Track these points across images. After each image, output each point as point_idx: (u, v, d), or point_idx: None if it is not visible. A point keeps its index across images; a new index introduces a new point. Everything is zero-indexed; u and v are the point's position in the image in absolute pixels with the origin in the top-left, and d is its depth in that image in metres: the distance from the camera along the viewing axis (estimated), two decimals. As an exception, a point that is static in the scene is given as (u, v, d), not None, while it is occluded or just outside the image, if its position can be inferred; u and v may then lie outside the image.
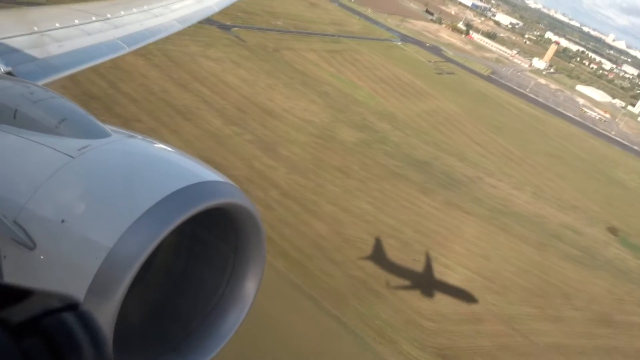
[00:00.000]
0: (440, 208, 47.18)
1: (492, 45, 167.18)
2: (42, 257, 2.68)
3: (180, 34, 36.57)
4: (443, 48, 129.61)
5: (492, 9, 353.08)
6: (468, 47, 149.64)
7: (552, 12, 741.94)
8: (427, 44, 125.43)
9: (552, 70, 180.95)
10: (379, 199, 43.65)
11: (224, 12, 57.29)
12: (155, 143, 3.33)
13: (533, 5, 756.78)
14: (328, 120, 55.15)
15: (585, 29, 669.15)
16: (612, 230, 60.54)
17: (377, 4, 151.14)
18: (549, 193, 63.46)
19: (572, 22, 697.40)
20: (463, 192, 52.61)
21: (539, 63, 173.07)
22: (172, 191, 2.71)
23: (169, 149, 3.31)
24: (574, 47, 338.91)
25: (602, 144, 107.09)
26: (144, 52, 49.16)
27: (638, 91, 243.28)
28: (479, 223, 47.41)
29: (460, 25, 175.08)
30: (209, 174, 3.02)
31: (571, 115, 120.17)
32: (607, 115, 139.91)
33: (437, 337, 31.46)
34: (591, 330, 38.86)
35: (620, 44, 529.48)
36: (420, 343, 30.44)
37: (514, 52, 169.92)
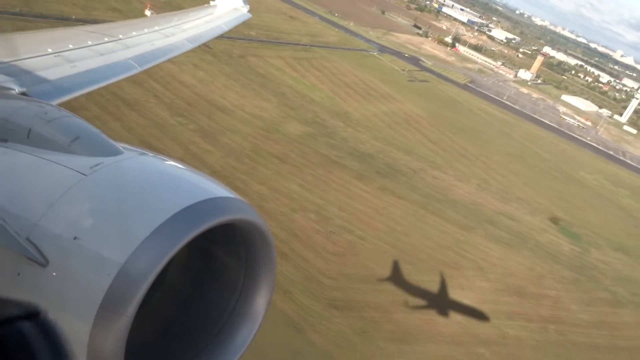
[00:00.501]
0: (373, 192, 50.90)
1: (477, 57, 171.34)
2: (54, 273, 2.70)
3: None
4: (422, 58, 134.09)
5: (491, 25, 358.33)
6: (451, 59, 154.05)
7: (559, 30, 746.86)
8: (406, 55, 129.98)
9: (539, 81, 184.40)
10: (310, 182, 47.58)
11: None
12: (166, 160, 3.40)
13: (540, 23, 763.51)
14: (278, 116, 59.46)
15: (593, 45, 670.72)
16: (554, 220, 63.58)
17: (362, 18, 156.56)
18: (495, 186, 66.84)
19: (579, 39, 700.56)
20: (401, 180, 56.31)
21: (526, 74, 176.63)
22: (182, 207, 2.75)
23: (179, 165, 3.38)
24: (573, 61, 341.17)
25: (573, 147, 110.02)
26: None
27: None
28: (408, 206, 51.01)
29: (448, 39, 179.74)
30: (219, 190, 3.08)
31: (547, 122, 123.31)
32: (588, 123, 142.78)
33: (333, 291, 35.11)
34: (498, 299, 42.09)
35: (628, 60, 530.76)
36: (317, 296, 34.10)
37: (499, 63, 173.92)
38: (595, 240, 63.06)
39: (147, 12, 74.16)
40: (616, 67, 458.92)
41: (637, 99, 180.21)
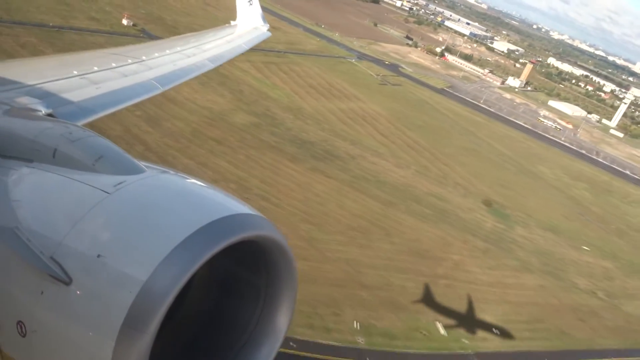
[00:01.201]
0: (302, 171, 56.85)
1: (465, 66, 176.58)
2: (78, 292, 2.76)
3: (112, 43, 54.72)
4: (404, 66, 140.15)
5: (496, 38, 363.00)
6: (436, 67, 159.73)
7: (576, 43, 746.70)
8: (387, 62, 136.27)
9: (529, 88, 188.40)
10: (240, 160, 53.82)
11: (168, 28, 71.20)
12: (187, 178, 3.46)
13: (557, 37, 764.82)
14: (228, 108, 66.11)
15: (612, 58, 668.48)
16: (487, 203, 68.38)
17: (351, 30, 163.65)
18: (435, 173, 72.11)
19: (597, 52, 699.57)
20: (335, 164, 62.15)
21: (514, 81, 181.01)
22: (203, 225, 2.81)
23: (200, 183, 3.46)
24: (579, 72, 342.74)
25: (540, 145, 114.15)
26: (67, 49, 61.69)
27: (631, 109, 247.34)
28: (334, 184, 56.77)
29: (439, 49, 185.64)
30: (240, 207, 3.15)
31: (521, 123, 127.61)
32: (569, 126, 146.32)
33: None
34: (395, 257, 47.34)
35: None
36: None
37: (487, 71, 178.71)
38: (526, 221, 67.67)
39: (124, 21, 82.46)
40: (630, 78, 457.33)
41: (625, 103, 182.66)
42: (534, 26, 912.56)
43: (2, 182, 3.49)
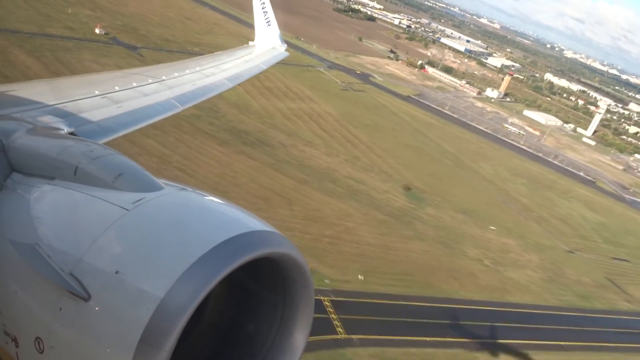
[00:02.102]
0: (227, 153, 65.42)
1: (444, 77, 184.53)
2: (96, 308, 2.82)
3: (79, 47, 69.70)
4: (375, 75, 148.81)
5: (496, 54, 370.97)
6: (411, 77, 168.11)
7: (589, 62, 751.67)
8: (358, 72, 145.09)
9: (508, 99, 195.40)
10: (170, 142, 62.55)
11: (140, 38, 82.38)
12: (205, 195, 3.54)
13: (570, 56, 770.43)
14: None
15: (625, 76, 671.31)
16: (406, 188, 75.86)
17: (332, 43, 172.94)
18: (364, 162, 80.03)
19: (611, 70, 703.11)
20: (263, 149, 70.62)
21: (492, 92, 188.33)
22: (220, 241, 2.86)
23: (218, 200, 3.52)
24: (576, 87, 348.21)
25: (492, 147, 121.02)
26: (37, 55, 71.88)
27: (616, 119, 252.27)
28: (254, 164, 65.12)
29: (421, 62, 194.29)
30: (257, 224, 3.21)
31: (482, 128, 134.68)
32: (537, 133, 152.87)
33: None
34: (289, 220, 55.17)
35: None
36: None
37: (464, 82, 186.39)
38: (440, 204, 75.00)
39: (97, 30, 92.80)
40: (638, 95, 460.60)
41: (599, 113, 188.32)
42: (548, 45, 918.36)
43: (24, 199, 3.58)
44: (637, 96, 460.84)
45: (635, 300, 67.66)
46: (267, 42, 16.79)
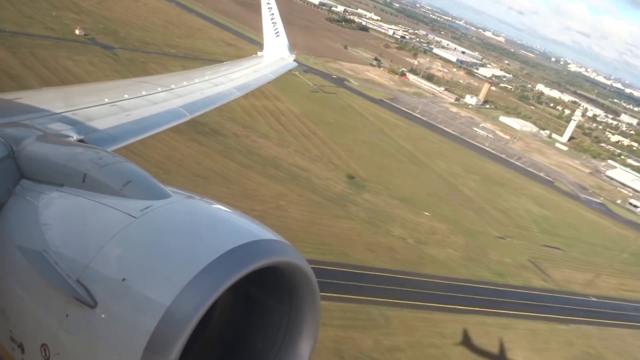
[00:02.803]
0: (178, 140, 72.03)
1: (423, 84, 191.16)
2: (102, 315, 2.85)
3: (57, 45, 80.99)
4: (351, 80, 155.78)
5: (490, 65, 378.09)
6: (390, 84, 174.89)
7: (593, 75, 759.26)
8: (334, 76, 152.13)
9: (487, 106, 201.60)
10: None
11: (118, 39, 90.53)
12: (212, 203, 3.59)
13: (574, 69, 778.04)
14: None
15: (629, 90, 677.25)
16: (350, 176, 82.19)
17: (315, 50, 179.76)
18: (314, 153, 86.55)
19: (616, 85, 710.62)
20: (216, 138, 77.40)
21: (471, 99, 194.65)
22: (226, 250, 2.90)
23: (225, 209, 3.58)
24: (567, 98, 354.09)
25: (454, 147, 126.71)
26: (14, 51, 79.44)
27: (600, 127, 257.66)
28: (203, 150, 71.83)
29: (402, 69, 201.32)
30: (264, 233, 3.25)
31: (449, 130, 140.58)
32: (506, 137, 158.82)
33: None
34: (224, 197, 61.73)
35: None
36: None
37: (442, 88, 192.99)
38: (380, 191, 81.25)
39: (77, 32, 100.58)
40: (637, 108, 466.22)
41: (574, 120, 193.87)
42: (553, 59, 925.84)
43: (33, 205, 3.62)
44: (637, 109, 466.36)
45: (553, 280, 73.39)
46: (276, 53, 16.97)
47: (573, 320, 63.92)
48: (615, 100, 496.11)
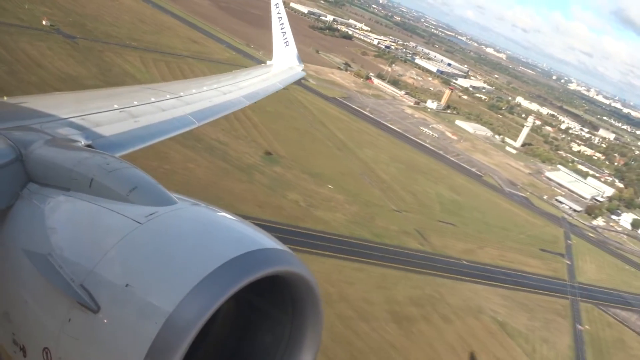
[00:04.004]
0: None
1: (387, 88, 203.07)
2: (105, 320, 2.88)
3: (21, 33, 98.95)
4: (310, 80, 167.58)
5: (474, 77, 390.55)
6: (350, 85, 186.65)
7: (591, 94, 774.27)
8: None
9: (448, 111, 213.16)
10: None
11: (84, 31, 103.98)
12: (217, 211, 3.68)
13: (573, 88, 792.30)
14: (84, 75, 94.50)
15: (627, 110, 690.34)
16: (267, 153, 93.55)
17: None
18: (241, 133, 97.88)
19: (614, 104, 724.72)
20: None
21: (432, 104, 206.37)
22: (230, 258, 2.93)
23: (230, 217, 3.64)
24: (545, 111, 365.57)
25: (390, 141, 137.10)
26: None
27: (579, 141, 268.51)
28: None
29: (368, 73, 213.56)
30: (268, 242, 3.27)
31: (394, 127, 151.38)
32: (454, 137, 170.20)
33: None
34: (132, 159, 73.62)
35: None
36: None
37: (403, 92, 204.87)
38: (292, 167, 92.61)
39: (44, 22, 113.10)
40: (626, 127, 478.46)
41: (527, 126, 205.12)
42: (554, 77, 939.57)
43: (39, 209, 3.67)
44: (625, 127, 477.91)
45: (430, 245, 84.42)
46: (285, 62, 17.42)
47: (431, 273, 74.99)
48: (604, 117, 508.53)
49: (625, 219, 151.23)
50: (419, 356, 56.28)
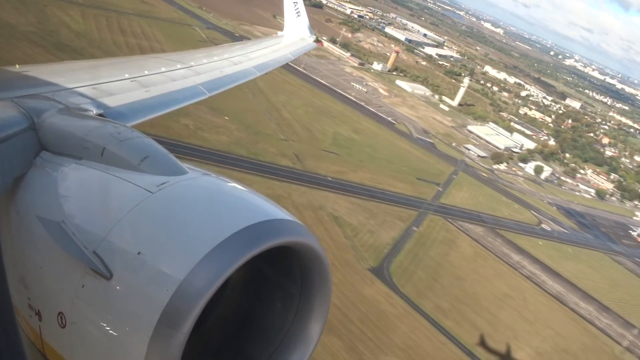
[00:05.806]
0: (39, 52, 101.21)
1: (335, 50, 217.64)
2: (117, 287, 2.95)
3: None
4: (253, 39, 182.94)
5: (447, 47, 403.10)
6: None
7: (587, 70, 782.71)
8: (237, 34, 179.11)
9: (394, 73, 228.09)
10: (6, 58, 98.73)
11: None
12: (228, 181, 3.69)
13: (568, 63, 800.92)
14: (22, 22, 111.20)
15: (621, 86, 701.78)
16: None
17: (238, 16, 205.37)
18: None
19: (611, 81, 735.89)
20: (73, 55, 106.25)
21: (378, 66, 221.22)
22: (241, 228, 2.98)
23: (241, 187, 3.66)
24: (512, 80, 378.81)
25: (312, 92, 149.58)
26: None
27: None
28: (54, 59, 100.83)
29: (319, 37, 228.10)
30: (278, 212, 3.32)
31: (324, 82, 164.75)
32: (385, 93, 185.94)
33: None
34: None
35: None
36: None
37: (349, 54, 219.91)
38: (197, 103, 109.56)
39: None
40: (617, 103, 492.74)
41: (463, 87, 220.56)
42: (552, 52, 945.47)
43: (52, 177, 3.71)
44: (607, 100, 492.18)
45: (302, 165, 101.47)
46: (296, 33, 17.45)
47: (290, 182, 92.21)
48: (586, 90, 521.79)
49: (531, 166, 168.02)
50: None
